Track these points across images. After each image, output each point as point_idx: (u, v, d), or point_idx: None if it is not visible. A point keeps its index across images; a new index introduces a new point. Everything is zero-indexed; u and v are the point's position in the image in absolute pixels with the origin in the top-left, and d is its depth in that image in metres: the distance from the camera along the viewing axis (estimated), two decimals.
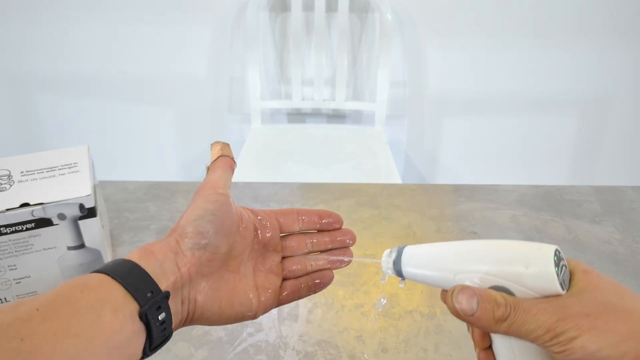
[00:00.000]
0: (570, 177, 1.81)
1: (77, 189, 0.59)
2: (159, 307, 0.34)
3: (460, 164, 1.81)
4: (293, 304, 0.65)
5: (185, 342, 0.60)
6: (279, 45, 1.62)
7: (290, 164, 1.42)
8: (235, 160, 0.44)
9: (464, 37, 1.59)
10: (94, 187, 0.63)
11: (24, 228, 0.58)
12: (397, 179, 1.34)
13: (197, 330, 0.61)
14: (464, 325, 0.37)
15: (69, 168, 0.63)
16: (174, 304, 0.35)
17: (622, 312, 0.30)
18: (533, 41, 1.59)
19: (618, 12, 1.54)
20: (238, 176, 1.33)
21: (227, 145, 0.44)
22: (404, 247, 0.39)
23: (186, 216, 0.38)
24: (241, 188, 0.87)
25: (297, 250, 0.45)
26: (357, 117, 1.73)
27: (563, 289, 0.32)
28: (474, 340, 0.36)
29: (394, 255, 0.39)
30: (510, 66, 1.63)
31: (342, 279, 0.69)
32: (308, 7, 1.52)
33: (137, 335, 0.32)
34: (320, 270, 0.45)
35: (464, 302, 0.33)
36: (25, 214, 0.57)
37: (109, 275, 0.33)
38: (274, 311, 0.64)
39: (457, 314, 0.33)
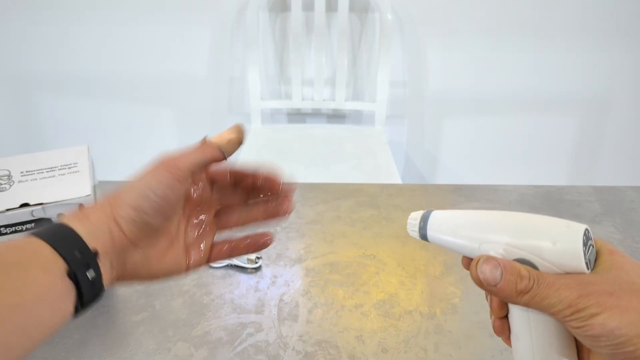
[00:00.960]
0: (570, 177, 1.81)
1: (76, 189, 0.59)
2: (88, 265, 0.34)
3: (460, 164, 1.81)
4: (293, 304, 0.65)
5: (185, 342, 0.60)
6: (279, 45, 1.62)
7: (290, 164, 1.42)
8: (226, 156, 0.41)
9: (464, 37, 1.59)
10: (94, 187, 0.63)
11: (24, 228, 0.58)
12: (397, 179, 1.34)
13: (197, 330, 0.61)
14: (464, 325, 0.37)
15: (69, 168, 0.63)
16: (103, 265, 0.35)
17: None
18: (533, 41, 1.59)
19: (618, 12, 1.54)
20: None
21: (234, 140, 0.42)
22: (431, 212, 0.39)
23: (131, 188, 0.37)
24: None
25: (231, 201, 0.45)
26: (357, 117, 1.73)
27: (588, 268, 0.32)
28: (491, 308, 0.37)
29: (419, 219, 0.39)
30: (510, 66, 1.63)
31: (342, 279, 0.69)
32: (308, 7, 1.52)
33: (66, 292, 0.33)
34: (257, 219, 0.44)
35: (487, 272, 0.33)
36: (25, 214, 0.57)
37: (38, 236, 0.33)
38: (274, 311, 0.64)
39: (480, 283, 0.34)
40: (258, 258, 0.71)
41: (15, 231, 0.57)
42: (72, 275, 0.33)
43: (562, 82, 1.65)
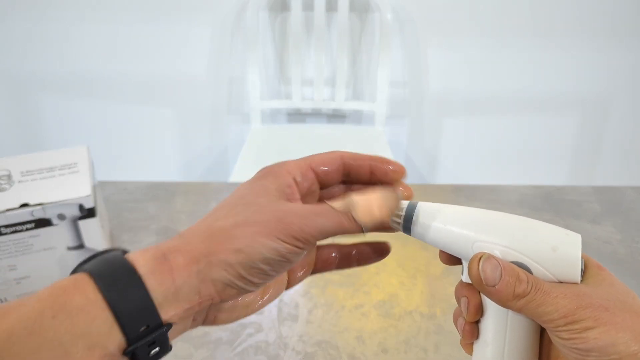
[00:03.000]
0: (570, 177, 1.81)
1: (76, 189, 0.59)
2: (154, 342, 0.28)
3: (460, 164, 1.81)
4: (293, 304, 0.65)
5: (185, 342, 0.60)
6: (279, 45, 1.62)
7: None
8: (364, 231, 0.33)
9: (464, 37, 1.59)
10: (94, 188, 0.63)
11: (24, 228, 0.58)
12: None
13: (197, 330, 0.61)
14: None
15: (69, 168, 0.63)
16: (176, 328, 0.30)
17: (638, 313, 0.30)
18: (533, 41, 1.59)
19: (618, 12, 1.54)
20: (238, 176, 1.33)
21: (385, 215, 0.33)
22: (417, 203, 0.35)
23: (235, 246, 0.29)
24: None
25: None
26: (357, 117, 1.73)
27: (580, 278, 0.32)
28: (468, 310, 0.35)
29: (405, 209, 0.35)
30: (510, 66, 1.63)
31: (342, 279, 0.69)
32: (308, 7, 1.52)
33: None
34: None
35: (488, 271, 0.32)
36: (25, 214, 0.57)
37: (99, 291, 0.27)
38: (274, 311, 0.64)
39: (478, 281, 0.32)
40: None
41: (16, 231, 0.57)
42: (130, 354, 0.27)
43: (562, 82, 1.65)
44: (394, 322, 0.62)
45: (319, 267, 0.38)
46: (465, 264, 0.35)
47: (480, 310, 0.35)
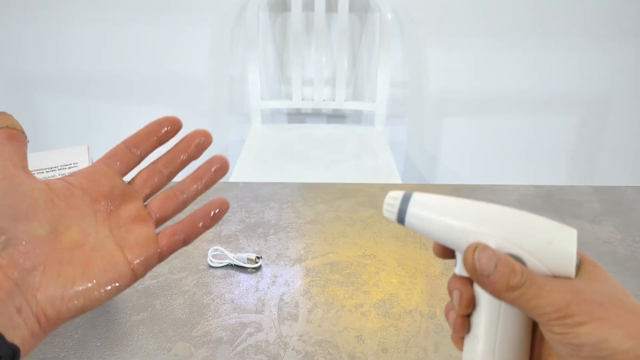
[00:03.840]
0: (570, 177, 1.81)
1: None
2: None
3: (460, 164, 1.81)
4: (293, 304, 0.65)
5: (185, 342, 0.60)
6: (279, 45, 1.62)
7: (290, 164, 1.42)
8: (18, 128, 0.37)
9: (464, 37, 1.59)
10: None
11: None
12: (397, 179, 1.34)
13: (197, 330, 0.61)
14: None
15: (69, 168, 0.63)
16: (5, 318, 0.30)
17: (632, 311, 0.30)
18: (533, 41, 1.59)
19: (618, 12, 1.55)
20: (238, 176, 1.34)
21: (2, 114, 0.37)
22: (412, 193, 0.36)
23: None
24: (241, 188, 0.87)
25: (154, 185, 0.39)
26: (357, 117, 1.73)
27: (575, 272, 0.32)
28: (460, 303, 0.35)
29: (400, 199, 0.35)
30: (510, 66, 1.63)
31: (342, 279, 0.69)
32: (308, 7, 1.52)
33: None
34: (196, 194, 0.39)
35: (483, 261, 0.31)
36: None
37: None
38: (274, 311, 0.64)
39: (473, 271, 0.32)
40: (258, 258, 0.71)
41: None
42: None
43: (562, 82, 1.65)
44: (394, 322, 0.62)
45: (167, 246, 0.38)
46: (459, 256, 0.35)
47: (472, 304, 0.35)
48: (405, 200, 0.35)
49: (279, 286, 0.68)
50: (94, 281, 0.33)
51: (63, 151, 0.66)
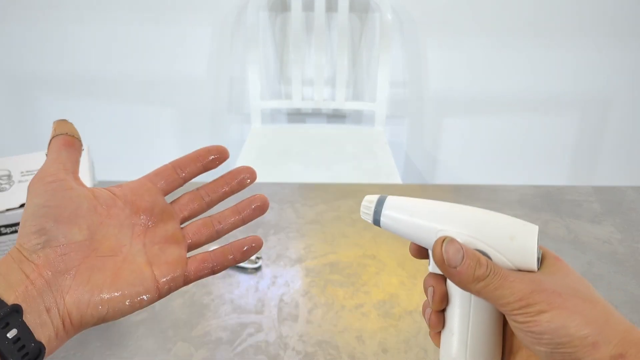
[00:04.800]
0: (570, 177, 1.81)
1: None
2: (7, 323, 0.30)
3: (460, 164, 1.81)
4: (293, 304, 0.65)
5: (185, 342, 0.60)
6: (279, 45, 1.62)
7: (290, 164, 1.42)
8: (76, 135, 0.39)
9: (464, 37, 1.59)
10: (94, 187, 0.63)
11: None
12: (397, 179, 1.34)
13: (197, 330, 0.61)
14: None
15: None
16: (34, 315, 0.31)
17: (589, 300, 0.32)
18: (533, 41, 1.59)
19: (618, 12, 1.55)
20: None
21: (63, 122, 0.40)
22: (386, 196, 0.39)
23: (21, 221, 0.34)
24: None
25: (194, 210, 0.40)
26: (357, 117, 1.73)
27: (537, 267, 0.34)
28: (433, 300, 0.37)
29: (375, 202, 0.38)
30: (510, 66, 1.63)
31: (342, 279, 0.69)
32: (308, 7, 1.52)
33: None
34: (232, 227, 0.40)
35: (450, 253, 0.33)
36: None
37: None
38: (274, 311, 0.64)
39: (441, 262, 0.34)
40: (258, 258, 0.71)
41: (15, 231, 0.57)
42: None
43: (562, 81, 1.65)
44: (394, 322, 0.62)
45: (194, 272, 0.38)
46: (431, 253, 0.37)
47: (445, 299, 0.37)
48: (380, 203, 0.38)
49: (279, 286, 0.68)
50: (120, 292, 0.34)
51: None
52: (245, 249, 0.39)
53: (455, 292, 0.36)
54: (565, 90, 1.67)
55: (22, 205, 0.57)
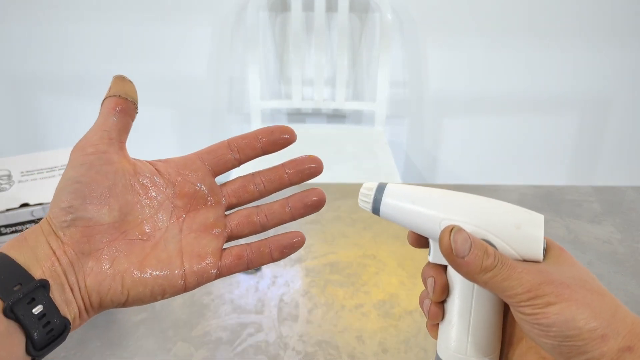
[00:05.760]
0: (570, 177, 1.81)
1: None
2: (33, 299, 0.29)
3: (460, 164, 1.81)
4: (293, 304, 0.65)
5: (185, 342, 0.60)
6: (279, 45, 1.62)
7: None
8: (130, 98, 0.35)
9: (463, 37, 1.59)
10: None
11: (24, 228, 0.58)
12: (397, 179, 1.34)
13: (197, 330, 0.61)
14: None
15: None
16: (60, 292, 0.31)
17: (597, 292, 0.31)
18: (533, 41, 1.59)
19: (617, 12, 1.54)
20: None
21: (121, 79, 0.36)
22: (386, 184, 0.36)
23: (55, 191, 0.33)
24: None
25: (242, 198, 0.37)
26: (357, 117, 1.73)
27: (542, 257, 0.33)
28: (434, 291, 0.36)
29: (375, 189, 0.36)
30: (510, 66, 1.63)
31: (342, 279, 0.69)
32: (308, 7, 1.52)
33: (7, 334, 0.28)
34: (279, 223, 0.37)
35: (459, 242, 0.32)
36: (25, 214, 0.57)
37: None
38: (274, 311, 0.64)
39: (449, 252, 0.32)
40: None
41: (15, 231, 0.57)
42: (9, 312, 0.28)
43: (562, 81, 1.65)
44: (394, 322, 0.62)
45: (228, 265, 0.35)
46: (432, 244, 0.36)
47: (446, 290, 0.36)
48: (380, 191, 0.36)
49: (279, 286, 0.68)
50: (144, 281, 0.33)
51: (63, 151, 0.66)
52: (285, 246, 0.37)
53: (456, 282, 0.35)
54: (565, 90, 1.67)
55: (22, 205, 0.57)
